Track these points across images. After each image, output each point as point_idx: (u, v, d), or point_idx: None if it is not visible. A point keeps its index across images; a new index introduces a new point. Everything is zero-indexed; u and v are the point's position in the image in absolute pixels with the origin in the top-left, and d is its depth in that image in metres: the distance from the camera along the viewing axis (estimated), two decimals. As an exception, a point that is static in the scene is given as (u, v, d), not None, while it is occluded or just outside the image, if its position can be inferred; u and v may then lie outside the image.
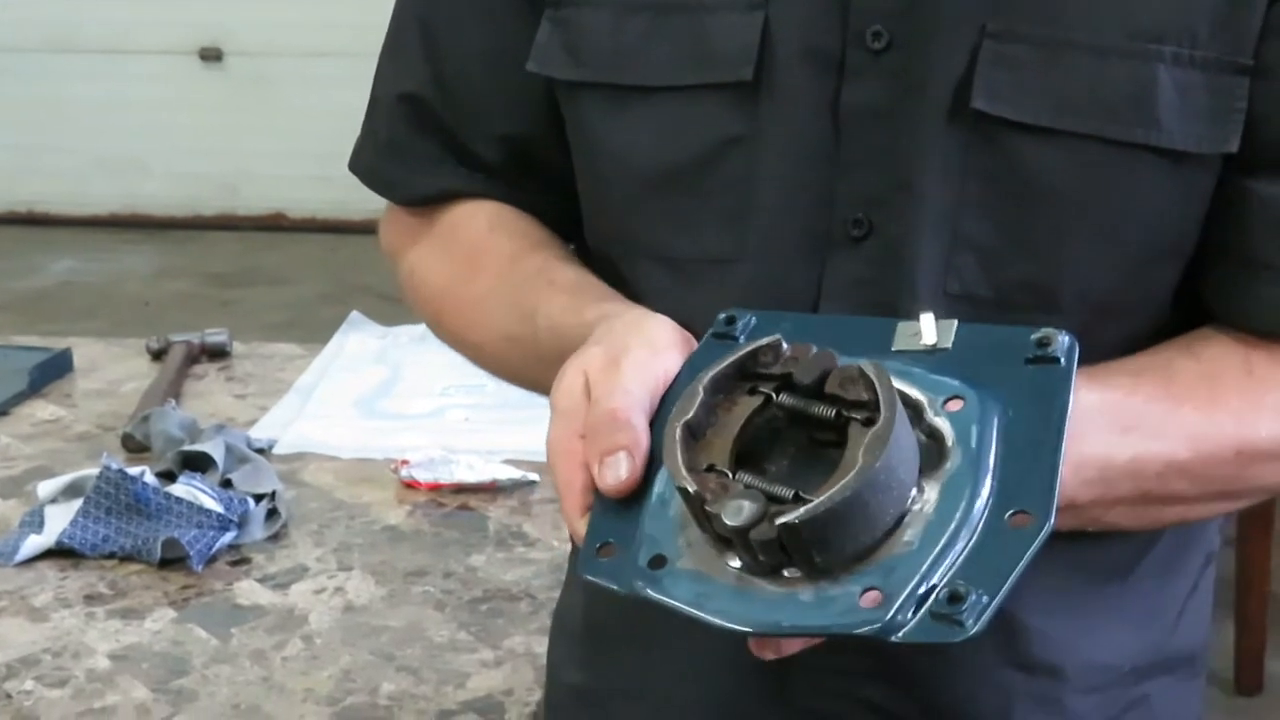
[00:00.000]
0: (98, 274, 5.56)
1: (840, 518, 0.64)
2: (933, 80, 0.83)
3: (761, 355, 0.71)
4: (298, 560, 1.51)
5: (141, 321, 4.63)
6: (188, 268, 5.60)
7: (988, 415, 0.69)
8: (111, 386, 1.98)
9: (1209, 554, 1.01)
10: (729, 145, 0.87)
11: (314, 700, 1.27)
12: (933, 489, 0.67)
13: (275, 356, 2.09)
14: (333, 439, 1.80)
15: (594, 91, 0.90)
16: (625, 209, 0.91)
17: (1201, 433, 0.81)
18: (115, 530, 1.51)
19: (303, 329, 4.26)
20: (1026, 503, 0.66)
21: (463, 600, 1.43)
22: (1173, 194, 0.83)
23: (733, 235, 0.88)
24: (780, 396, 0.69)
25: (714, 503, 0.65)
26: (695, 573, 0.68)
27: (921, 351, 0.73)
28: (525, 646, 1.34)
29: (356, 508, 1.63)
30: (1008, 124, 0.82)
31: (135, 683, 1.30)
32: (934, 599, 0.63)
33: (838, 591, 0.65)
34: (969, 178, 0.83)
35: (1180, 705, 1.00)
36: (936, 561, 0.64)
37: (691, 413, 0.69)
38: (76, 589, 1.45)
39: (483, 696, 1.27)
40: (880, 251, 0.86)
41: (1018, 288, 0.85)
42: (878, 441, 0.64)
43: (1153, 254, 0.85)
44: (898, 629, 0.64)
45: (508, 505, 1.63)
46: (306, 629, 1.38)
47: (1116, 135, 0.81)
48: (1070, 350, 0.71)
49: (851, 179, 0.85)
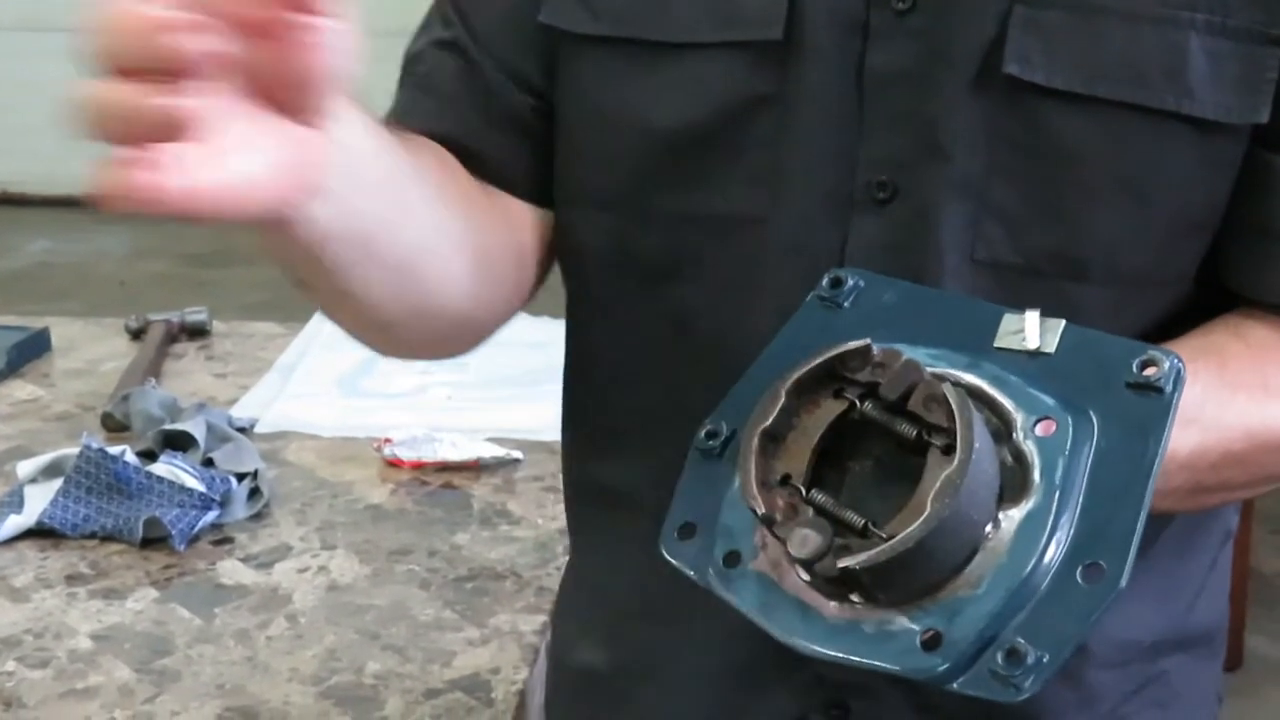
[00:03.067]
0: (74, 254, 5.52)
1: (904, 563, 0.62)
2: (961, 44, 0.83)
3: (849, 359, 0.68)
4: (281, 539, 1.50)
5: (118, 302, 4.60)
6: (164, 248, 5.57)
7: (1078, 447, 0.66)
8: (90, 366, 1.96)
9: (1227, 532, 1.01)
10: (758, 104, 0.86)
11: (299, 680, 1.26)
12: (1009, 524, 0.64)
13: (256, 335, 2.08)
14: (315, 418, 1.79)
15: (608, 47, 0.89)
16: (637, 168, 0.89)
17: (1257, 422, 0.80)
18: (96, 510, 1.50)
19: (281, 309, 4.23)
20: (1102, 554, 0.63)
21: (448, 579, 1.42)
22: (1202, 164, 0.83)
23: (758, 194, 0.87)
24: (865, 405, 0.67)
25: (781, 526, 0.65)
26: (764, 579, 0.67)
27: (1023, 354, 0.69)
28: (511, 625, 1.34)
29: (339, 486, 1.62)
30: (1038, 90, 0.81)
31: (118, 663, 1.29)
32: (991, 654, 0.62)
33: (898, 629, 0.64)
34: (997, 143, 0.83)
35: (1198, 683, 1.00)
36: (1002, 611, 0.63)
37: (771, 419, 0.67)
38: (57, 569, 1.44)
39: (469, 675, 1.26)
40: (905, 216, 0.85)
41: (1046, 256, 0.84)
42: (949, 487, 0.62)
43: (1182, 225, 0.85)
44: (953, 678, 0.63)
45: (492, 483, 1.62)
46: (290, 608, 1.37)
47: (1147, 102, 0.81)
48: (1176, 378, 0.67)
49: (876, 142, 0.85)
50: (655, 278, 0.91)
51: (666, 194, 0.89)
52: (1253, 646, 3.08)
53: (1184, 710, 0.99)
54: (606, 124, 0.90)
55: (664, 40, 0.87)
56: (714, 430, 0.72)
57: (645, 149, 0.89)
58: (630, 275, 0.92)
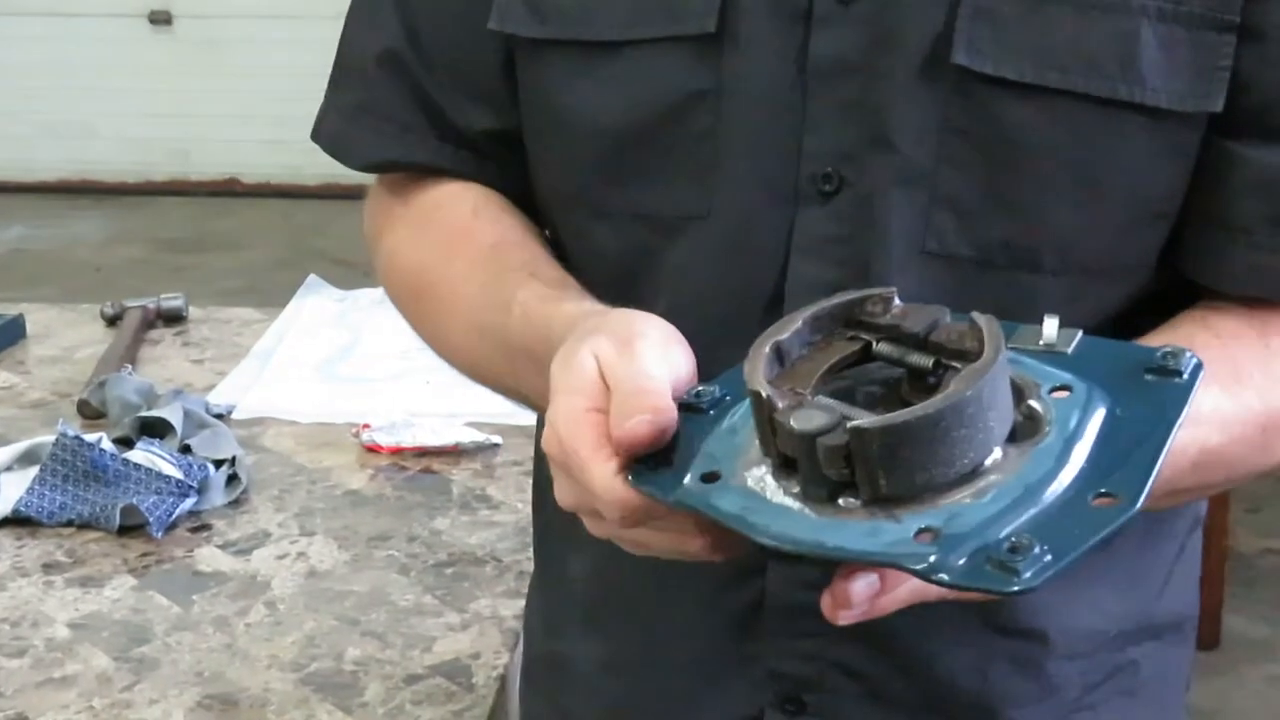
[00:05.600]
0: (48, 241, 5.50)
1: (917, 437, 0.61)
2: (908, 33, 0.82)
3: (870, 304, 0.68)
4: (259, 526, 1.50)
5: (93, 288, 4.58)
6: (139, 234, 5.55)
7: (1092, 406, 0.65)
8: (66, 353, 1.95)
9: (1196, 518, 1.00)
10: (693, 99, 0.85)
11: (278, 666, 1.26)
12: (1018, 456, 0.63)
13: (232, 321, 2.07)
14: (293, 404, 1.78)
15: (557, 49, 0.88)
16: (591, 168, 0.89)
17: (1231, 415, 0.79)
18: (73, 498, 1.49)
19: (258, 295, 4.23)
20: (1115, 486, 0.62)
21: (427, 564, 1.42)
22: (1156, 153, 0.82)
23: (699, 191, 0.86)
24: (880, 345, 0.67)
25: (784, 411, 0.63)
26: (746, 490, 0.65)
27: (1039, 350, 0.69)
28: (492, 610, 1.33)
29: (318, 472, 1.61)
30: (988, 79, 0.80)
31: (96, 651, 1.28)
32: (992, 547, 0.59)
33: (892, 525, 0.61)
34: (947, 134, 0.82)
35: (1168, 670, 1.00)
36: (1003, 517, 0.61)
37: (784, 336, 0.66)
38: (34, 557, 1.43)
39: (449, 660, 1.26)
40: (852, 208, 0.84)
41: (999, 247, 0.83)
42: (974, 373, 0.61)
43: (1137, 215, 0.84)
44: (946, 570, 0.60)
45: (471, 468, 1.62)
46: (269, 595, 1.37)
47: (1099, 91, 0.80)
48: (1195, 369, 0.67)
49: (820, 133, 0.84)
50: (616, 276, 0.91)
51: (617, 193, 0.89)
52: (1231, 626, 3.09)
53: (1154, 697, 0.99)
54: (561, 125, 0.90)
55: (604, 40, 0.86)
56: (705, 390, 0.71)
57: (595, 149, 0.88)
58: (598, 273, 0.91)
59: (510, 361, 0.86)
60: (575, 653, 1.02)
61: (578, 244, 0.93)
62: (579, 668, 1.02)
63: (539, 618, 1.07)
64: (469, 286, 0.92)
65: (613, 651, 0.99)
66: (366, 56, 0.97)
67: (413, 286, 0.98)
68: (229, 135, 5.98)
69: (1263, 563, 3.39)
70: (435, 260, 0.95)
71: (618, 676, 0.99)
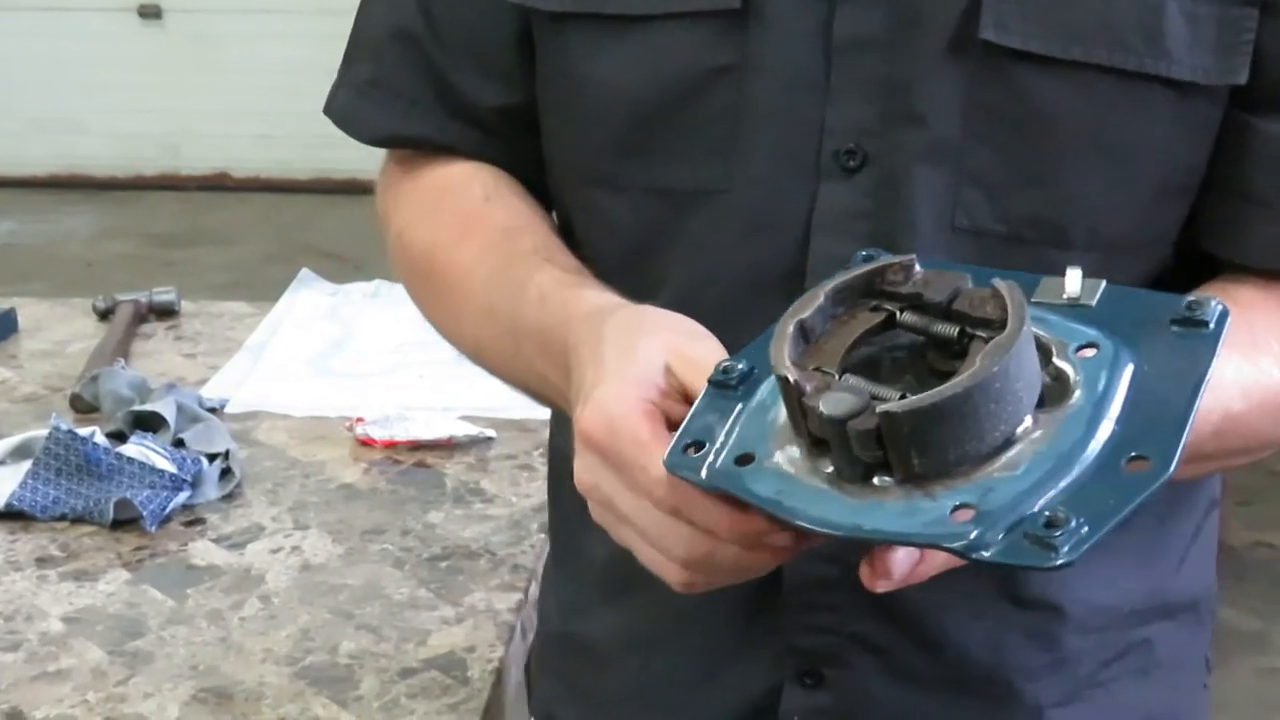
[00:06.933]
0: (38, 235, 5.48)
1: (947, 417, 0.60)
2: (934, 9, 0.82)
3: (891, 273, 0.68)
4: (253, 520, 1.49)
5: (84, 283, 4.57)
6: (130, 229, 5.54)
7: (1119, 364, 0.65)
8: (58, 347, 1.95)
9: (1212, 500, 1.01)
10: (715, 75, 0.86)
11: (273, 660, 1.25)
12: (1048, 423, 0.63)
13: (225, 315, 2.06)
14: (286, 397, 1.78)
15: (578, 23, 0.89)
16: (610, 142, 0.89)
17: (1251, 381, 0.80)
18: (66, 492, 1.48)
19: (249, 289, 4.22)
20: (1147, 449, 0.61)
21: (421, 558, 1.42)
22: (1180, 127, 0.83)
23: (719, 166, 0.87)
24: (904, 315, 0.67)
25: (812, 395, 0.63)
26: (781, 473, 0.65)
27: (1062, 304, 0.69)
28: (486, 603, 1.33)
29: (311, 466, 1.61)
30: (1015, 54, 0.81)
31: (90, 645, 1.28)
32: (1029, 522, 0.59)
33: (929, 504, 0.61)
34: (974, 109, 0.83)
35: (1184, 651, 1.00)
36: (1038, 489, 0.60)
37: (807, 313, 0.66)
38: (27, 551, 1.43)
39: (444, 654, 1.26)
40: (876, 184, 0.85)
41: (1028, 223, 0.84)
42: (999, 348, 0.61)
43: (1162, 189, 0.85)
44: (985, 548, 0.59)
45: (465, 461, 1.62)
46: (264, 589, 1.37)
47: (1125, 65, 0.81)
48: (1221, 317, 0.67)
49: (843, 108, 0.84)
50: (628, 251, 0.91)
51: (635, 167, 0.89)
52: (1222, 619, 3.08)
53: (1168, 678, 0.99)
54: (580, 100, 0.90)
55: (626, 13, 0.87)
56: (732, 366, 0.71)
57: (615, 123, 0.89)
58: (610, 250, 0.92)
59: (517, 344, 0.86)
60: (594, 632, 1.02)
61: (590, 220, 0.93)
62: (598, 647, 1.02)
63: (555, 600, 1.07)
64: (480, 269, 0.92)
65: (632, 628, 0.99)
66: (380, 32, 0.97)
67: (422, 267, 0.98)
68: (219, 130, 5.97)
69: (1254, 556, 3.40)
70: (446, 241, 0.95)
71: (637, 653, 1.00)
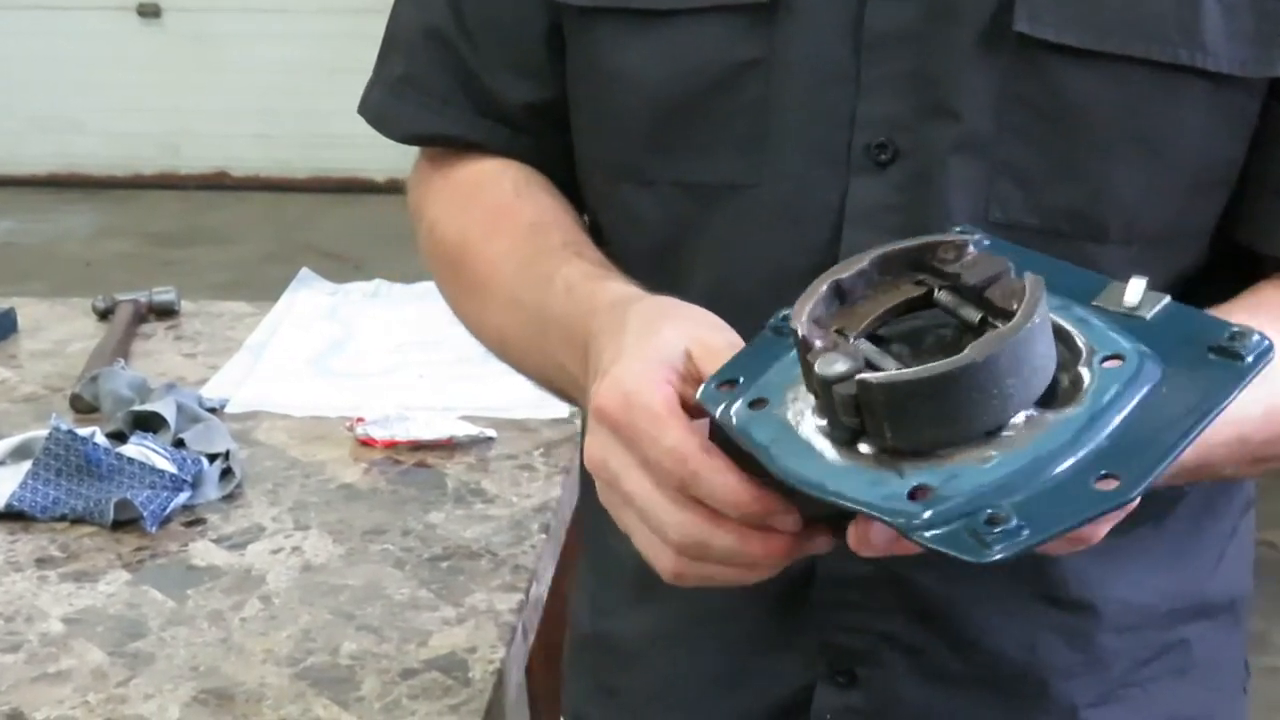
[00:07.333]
0: (37, 235, 5.48)
1: (922, 396, 0.61)
2: (967, 2, 0.82)
3: (942, 250, 0.68)
4: (253, 520, 1.49)
5: (83, 283, 4.57)
6: (129, 228, 5.53)
7: (1137, 381, 0.65)
8: (58, 347, 1.94)
9: (1248, 500, 1.00)
10: (744, 69, 0.86)
11: (274, 661, 1.25)
12: (1040, 423, 0.63)
13: (224, 315, 2.06)
14: (286, 397, 1.77)
15: (608, 17, 0.89)
16: (638, 137, 0.89)
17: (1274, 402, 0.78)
18: (66, 492, 1.48)
19: (248, 289, 4.22)
20: (1121, 469, 0.62)
21: (422, 558, 1.42)
22: (1217, 119, 0.83)
23: (749, 160, 0.87)
24: (939, 294, 0.67)
25: (816, 353, 0.64)
26: (783, 423, 0.66)
27: (1120, 312, 0.69)
28: (487, 604, 1.33)
29: (312, 466, 1.61)
30: (1049, 47, 0.81)
31: (90, 646, 1.28)
32: (975, 517, 0.60)
33: (894, 479, 0.62)
34: (1008, 102, 0.82)
35: (1221, 652, 1.00)
36: (1004, 485, 0.61)
37: (846, 275, 0.66)
38: (28, 552, 1.43)
39: (446, 654, 1.26)
40: (908, 177, 0.84)
41: (1064, 216, 0.84)
42: (995, 339, 0.62)
43: (1198, 181, 0.84)
44: (924, 529, 0.60)
45: (465, 462, 1.61)
46: (264, 589, 1.36)
47: (1161, 57, 0.80)
48: (1261, 351, 0.66)
49: (874, 102, 0.84)
50: (656, 247, 0.91)
51: (664, 162, 0.89)
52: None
53: (1205, 679, 0.99)
54: (609, 94, 0.90)
55: (653, 8, 0.87)
56: (789, 314, 0.71)
57: (644, 117, 0.89)
58: (638, 245, 0.92)
59: (544, 334, 0.86)
60: (625, 630, 1.02)
61: (618, 215, 0.94)
62: (629, 645, 1.02)
63: (587, 599, 1.07)
64: (508, 262, 0.92)
65: (664, 626, 0.99)
66: (413, 31, 0.98)
67: (452, 259, 0.99)
68: (218, 129, 5.96)
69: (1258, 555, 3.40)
70: (476, 236, 0.96)
71: (668, 650, 1.00)
